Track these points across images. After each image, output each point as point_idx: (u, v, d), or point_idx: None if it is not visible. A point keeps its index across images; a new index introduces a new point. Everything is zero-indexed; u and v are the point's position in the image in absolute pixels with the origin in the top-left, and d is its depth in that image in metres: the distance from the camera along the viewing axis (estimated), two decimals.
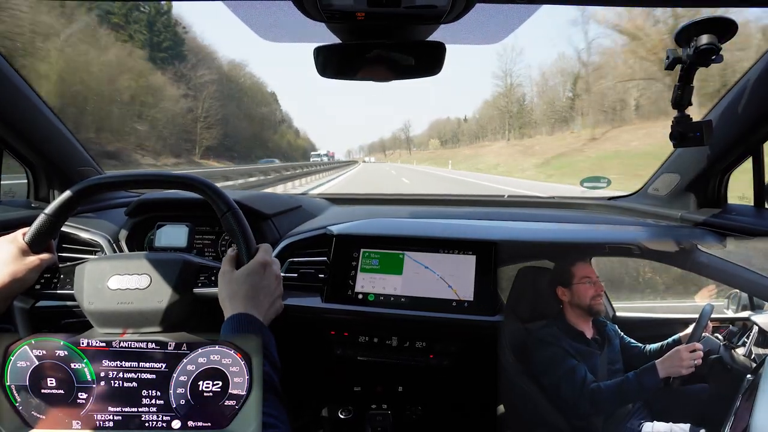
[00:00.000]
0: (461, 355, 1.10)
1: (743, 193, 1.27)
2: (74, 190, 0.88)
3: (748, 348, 0.85)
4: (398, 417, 1.25)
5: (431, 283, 1.10)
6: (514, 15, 0.96)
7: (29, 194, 1.49)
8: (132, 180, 0.98)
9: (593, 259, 0.97)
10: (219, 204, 0.88)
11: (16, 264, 0.82)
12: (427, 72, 1.07)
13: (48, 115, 1.36)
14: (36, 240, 0.87)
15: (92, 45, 28.21)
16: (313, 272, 1.16)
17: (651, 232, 1.28)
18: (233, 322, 0.73)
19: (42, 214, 0.87)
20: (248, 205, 1.22)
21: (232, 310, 0.75)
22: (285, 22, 1.00)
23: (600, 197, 1.81)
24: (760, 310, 0.87)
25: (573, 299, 0.93)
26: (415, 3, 0.78)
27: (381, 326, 1.13)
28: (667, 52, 1.06)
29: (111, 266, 0.89)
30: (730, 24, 0.95)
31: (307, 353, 1.24)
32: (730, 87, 1.20)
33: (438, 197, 2.06)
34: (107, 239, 1.27)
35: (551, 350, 0.90)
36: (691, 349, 0.84)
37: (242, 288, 0.78)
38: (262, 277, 0.80)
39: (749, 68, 1.14)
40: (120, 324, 0.87)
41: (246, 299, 0.76)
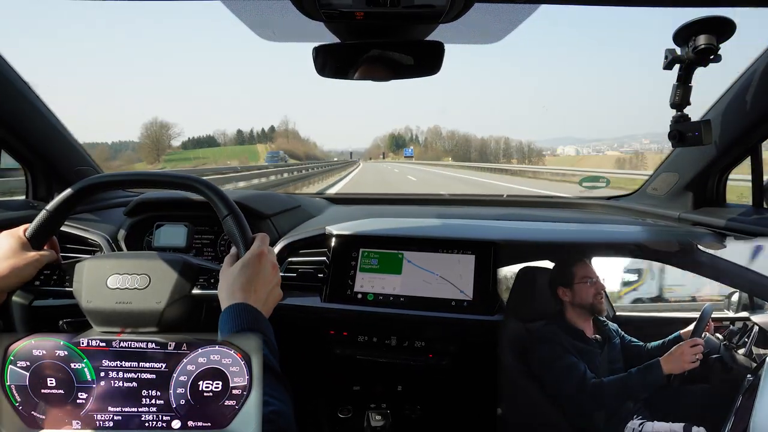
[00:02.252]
0: (460, 355, 1.11)
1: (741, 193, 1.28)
2: (76, 188, 0.88)
3: (748, 348, 0.85)
4: (397, 416, 1.25)
5: (430, 283, 1.10)
6: (513, 14, 0.96)
7: (28, 193, 1.48)
8: (133, 180, 0.98)
9: (593, 259, 0.97)
10: (220, 206, 0.88)
11: (15, 258, 0.82)
12: (426, 71, 1.07)
13: (46, 114, 1.36)
14: (37, 235, 0.87)
15: None
16: (313, 272, 1.16)
17: (650, 232, 1.28)
18: (229, 313, 0.72)
19: (44, 210, 0.87)
20: (247, 205, 1.22)
21: (228, 302, 0.75)
22: (284, 22, 1.00)
23: (599, 197, 1.82)
24: (760, 310, 0.87)
25: (574, 299, 0.93)
26: (414, 2, 0.78)
27: (380, 326, 1.13)
28: (666, 52, 1.06)
29: (110, 265, 0.89)
30: (728, 24, 0.95)
31: (306, 353, 1.24)
32: (728, 86, 1.20)
33: (437, 197, 2.06)
34: (106, 239, 1.26)
35: (551, 347, 0.90)
36: (692, 344, 0.84)
37: (238, 280, 0.77)
38: (257, 267, 0.80)
39: (747, 68, 1.14)
40: (118, 323, 0.86)
41: (242, 290, 0.76)
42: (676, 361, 0.84)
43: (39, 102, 1.33)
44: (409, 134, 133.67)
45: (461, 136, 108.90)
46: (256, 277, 0.79)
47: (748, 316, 0.87)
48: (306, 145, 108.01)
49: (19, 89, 1.26)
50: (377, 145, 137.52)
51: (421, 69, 1.07)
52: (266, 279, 0.80)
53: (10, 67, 1.22)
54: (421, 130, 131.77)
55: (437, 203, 1.95)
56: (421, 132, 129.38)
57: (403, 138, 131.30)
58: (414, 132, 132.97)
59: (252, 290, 0.77)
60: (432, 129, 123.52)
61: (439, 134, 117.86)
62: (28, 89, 1.29)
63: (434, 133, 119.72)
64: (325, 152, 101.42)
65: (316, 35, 1.01)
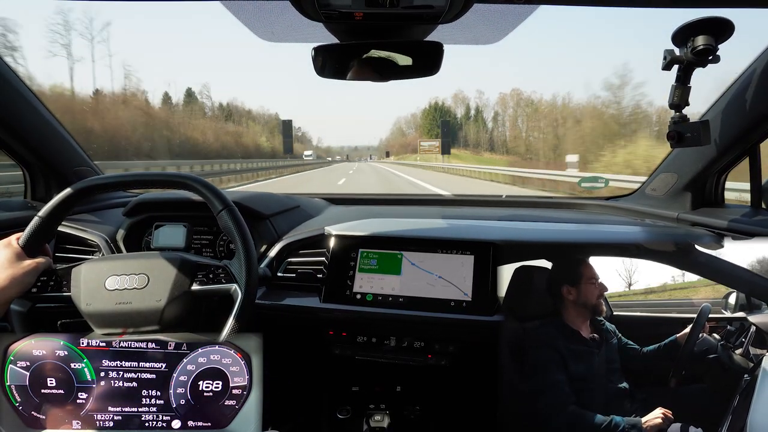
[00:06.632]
0: (460, 355, 1.11)
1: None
2: (69, 192, 0.88)
3: (745, 348, 0.86)
4: (396, 417, 1.25)
5: (429, 283, 1.10)
6: (512, 15, 0.96)
7: (26, 194, 1.48)
8: (128, 181, 0.98)
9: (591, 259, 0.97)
10: (215, 202, 0.88)
11: (12, 269, 0.81)
12: (425, 72, 1.08)
13: (45, 115, 1.36)
14: (30, 243, 0.86)
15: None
16: (311, 272, 1.16)
17: (648, 232, 1.28)
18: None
19: (36, 216, 0.87)
20: (246, 205, 1.22)
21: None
22: (283, 22, 1.00)
23: (598, 197, 1.82)
24: (758, 310, 0.87)
25: (579, 298, 0.94)
26: (413, 3, 0.78)
27: (379, 326, 1.13)
28: (665, 53, 1.07)
29: (108, 267, 0.89)
30: (727, 25, 0.96)
31: (305, 353, 1.24)
32: (727, 87, 1.20)
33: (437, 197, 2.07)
34: (105, 239, 1.26)
35: (544, 353, 0.90)
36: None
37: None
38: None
39: (746, 68, 1.14)
40: (119, 324, 0.86)
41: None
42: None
43: (37, 102, 1.33)
44: (456, 106, 78.87)
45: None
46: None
47: (746, 317, 0.88)
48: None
49: (18, 89, 1.26)
50: (399, 129, 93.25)
51: (420, 69, 1.07)
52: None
53: (8, 68, 1.22)
54: (486, 98, 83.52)
55: (436, 203, 1.96)
56: (487, 101, 76.74)
57: (449, 113, 78.27)
58: (475, 101, 77.92)
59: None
60: (511, 95, 72.04)
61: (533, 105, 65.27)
62: (27, 89, 1.29)
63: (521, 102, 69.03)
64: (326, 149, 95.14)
65: (315, 36, 1.01)
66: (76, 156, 1.51)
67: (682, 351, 0.87)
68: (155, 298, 0.86)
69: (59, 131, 1.43)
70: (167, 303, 0.86)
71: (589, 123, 27.92)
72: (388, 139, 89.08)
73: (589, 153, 20.45)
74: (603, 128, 24.11)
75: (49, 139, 1.41)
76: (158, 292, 0.86)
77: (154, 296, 0.86)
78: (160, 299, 0.86)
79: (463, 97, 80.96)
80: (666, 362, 0.87)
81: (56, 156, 1.45)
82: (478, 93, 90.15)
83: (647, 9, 0.82)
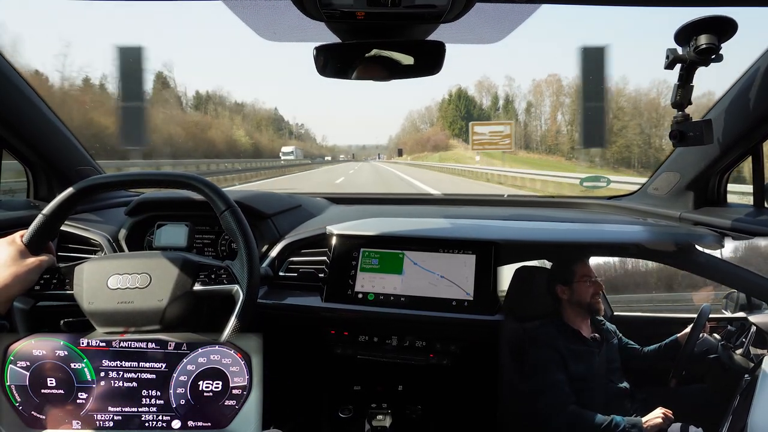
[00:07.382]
0: (461, 355, 1.11)
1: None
2: (72, 191, 0.88)
3: (745, 348, 0.85)
4: (398, 416, 1.25)
5: (431, 283, 1.10)
6: (514, 14, 0.96)
7: (29, 193, 1.49)
8: (130, 180, 0.98)
9: (592, 259, 0.97)
10: (218, 202, 0.89)
11: (15, 266, 0.82)
12: (426, 71, 1.08)
13: (47, 114, 1.36)
14: (34, 241, 0.87)
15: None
16: (313, 272, 1.17)
17: (650, 232, 1.28)
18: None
19: (40, 214, 0.87)
20: (248, 205, 1.22)
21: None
22: (285, 22, 1.00)
23: (600, 197, 1.82)
24: (758, 310, 0.87)
25: (573, 297, 0.93)
26: (415, 2, 0.78)
27: (381, 326, 1.13)
28: (667, 52, 1.06)
29: (110, 266, 0.89)
30: (729, 23, 0.95)
31: (306, 353, 1.24)
32: (730, 86, 1.20)
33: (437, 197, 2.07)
34: (107, 239, 1.27)
35: (544, 353, 0.90)
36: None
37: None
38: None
39: (749, 68, 1.14)
40: (121, 323, 0.87)
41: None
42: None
43: (40, 101, 1.33)
44: (481, 95, 66.87)
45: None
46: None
47: (746, 317, 0.87)
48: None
49: (20, 88, 1.26)
50: (413, 125, 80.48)
51: (422, 69, 1.07)
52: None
53: (10, 66, 1.22)
54: (517, 86, 67.95)
55: (438, 203, 1.95)
56: (518, 90, 64.88)
57: (473, 103, 67.19)
58: (506, 90, 66.33)
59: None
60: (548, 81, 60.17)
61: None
62: (29, 88, 1.29)
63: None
64: (330, 148, 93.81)
65: (317, 35, 1.01)
66: (78, 155, 1.52)
67: (682, 351, 0.87)
68: (157, 297, 0.86)
69: (62, 130, 1.43)
70: (169, 303, 0.86)
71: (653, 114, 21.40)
72: (399, 136, 78.21)
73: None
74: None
75: (51, 139, 1.41)
76: (160, 292, 0.86)
77: (156, 296, 0.86)
78: (162, 299, 0.86)
79: (489, 84, 70.08)
80: (666, 362, 0.87)
81: (59, 155, 1.45)
82: (507, 80, 76.85)
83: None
